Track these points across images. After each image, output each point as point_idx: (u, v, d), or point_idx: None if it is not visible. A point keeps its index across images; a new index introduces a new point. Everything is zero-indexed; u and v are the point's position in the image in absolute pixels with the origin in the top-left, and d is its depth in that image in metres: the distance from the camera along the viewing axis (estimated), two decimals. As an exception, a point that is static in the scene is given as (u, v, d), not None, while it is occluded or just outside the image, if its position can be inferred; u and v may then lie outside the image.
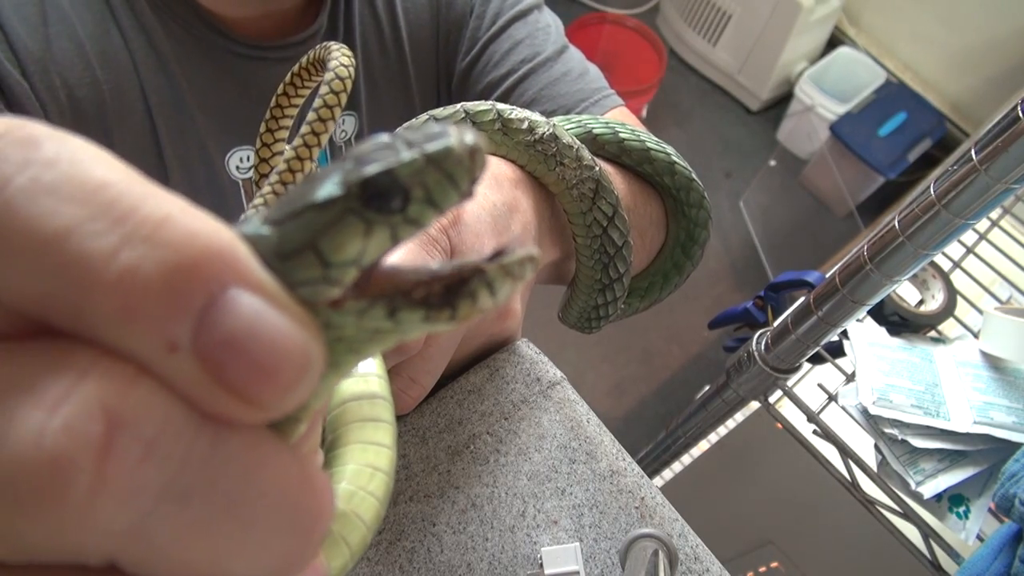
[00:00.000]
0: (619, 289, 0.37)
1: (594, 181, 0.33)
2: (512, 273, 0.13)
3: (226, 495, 0.10)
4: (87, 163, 0.10)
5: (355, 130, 0.59)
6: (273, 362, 0.10)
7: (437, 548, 0.47)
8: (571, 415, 0.52)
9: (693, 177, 0.43)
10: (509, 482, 0.49)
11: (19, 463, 0.09)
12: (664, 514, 0.49)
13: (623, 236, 0.35)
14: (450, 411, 0.52)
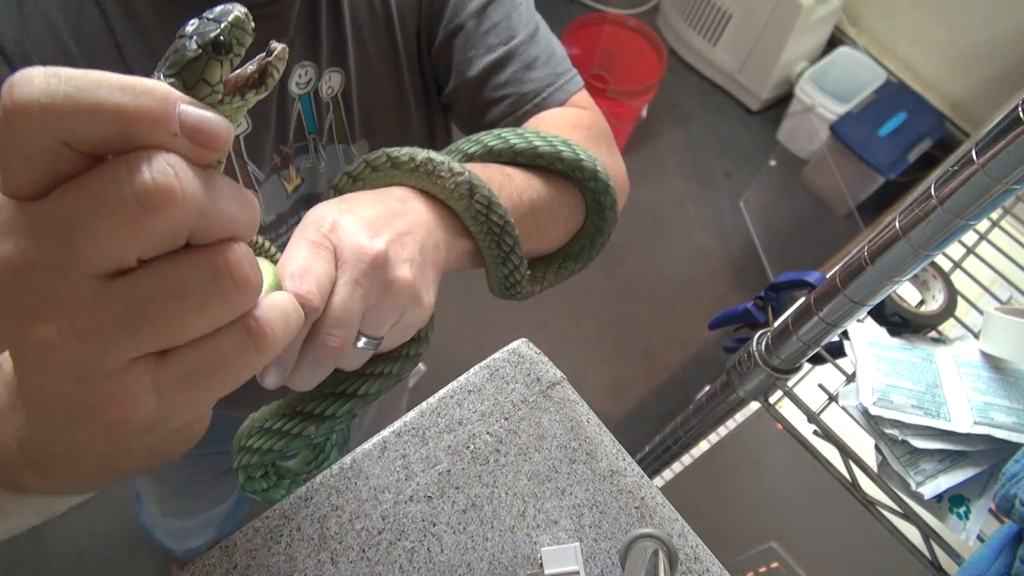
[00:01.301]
0: (515, 259, 0.47)
1: (467, 183, 0.44)
2: (281, 57, 0.27)
3: (218, 192, 0.23)
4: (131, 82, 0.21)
5: (341, 86, 0.58)
6: (213, 127, 0.22)
7: (437, 548, 0.47)
8: (571, 415, 0.52)
9: (582, 158, 0.51)
10: (509, 482, 0.49)
11: (149, 189, 0.20)
12: (664, 514, 0.49)
13: (503, 217, 0.45)
14: (450, 411, 0.52)
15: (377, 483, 0.49)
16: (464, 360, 1.63)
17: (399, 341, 0.41)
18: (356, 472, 0.50)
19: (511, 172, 0.50)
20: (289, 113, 0.56)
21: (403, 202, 0.42)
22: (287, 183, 0.59)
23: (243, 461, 0.42)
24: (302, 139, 0.58)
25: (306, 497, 0.49)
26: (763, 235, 2.11)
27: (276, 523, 0.48)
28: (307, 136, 0.58)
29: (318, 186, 0.61)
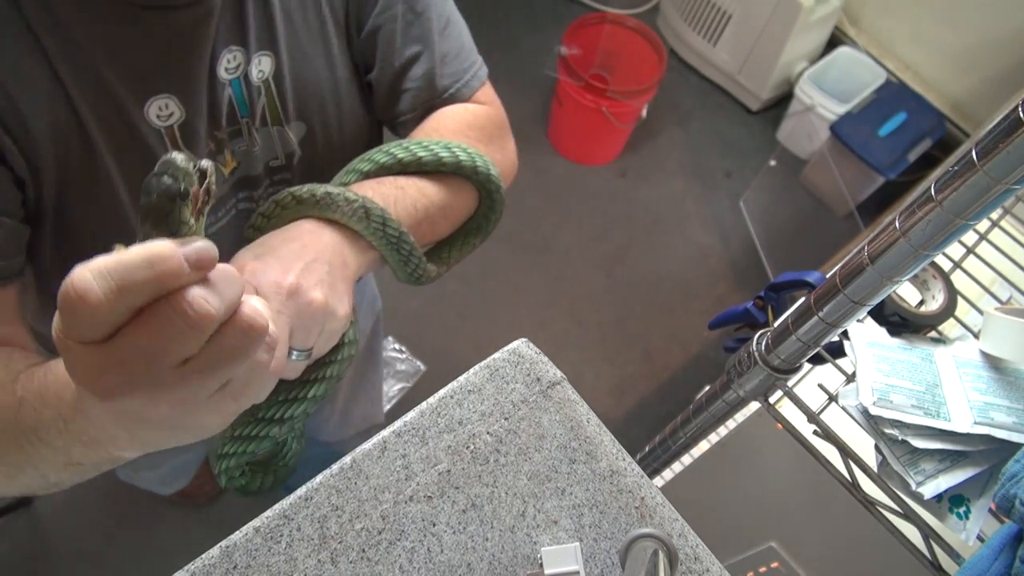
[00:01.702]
0: (415, 259, 0.57)
1: (362, 207, 0.52)
2: (213, 171, 0.33)
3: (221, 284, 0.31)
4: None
5: (272, 69, 0.59)
6: (205, 252, 0.30)
7: (437, 548, 0.47)
8: (571, 415, 0.52)
9: (461, 159, 0.59)
10: (509, 482, 0.49)
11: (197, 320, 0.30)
12: (664, 514, 0.49)
13: (397, 229, 0.54)
14: (450, 411, 0.52)
15: (377, 483, 0.49)
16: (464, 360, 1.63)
17: (328, 347, 0.50)
18: (356, 472, 0.50)
19: (404, 184, 0.58)
20: (220, 99, 0.57)
21: (311, 234, 0.51)
22: (223, 167, 0.60)
23: (223, 466, 0.51)
24: (235, 123, 0.59)
25: (306, 497, 0.49)
26: (763, 235, 2.11)
27: (276, 523, 0.48)
28: (240, 120, 0.59)
29: (254, 168, 0.62)
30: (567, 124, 2.07)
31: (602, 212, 2.08)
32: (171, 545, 1.47)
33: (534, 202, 2.05)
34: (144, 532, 1.47)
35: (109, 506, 1.49)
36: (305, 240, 0.50)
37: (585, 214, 2.06)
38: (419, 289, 1.84)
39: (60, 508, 1.47)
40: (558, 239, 2.00)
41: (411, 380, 1.72)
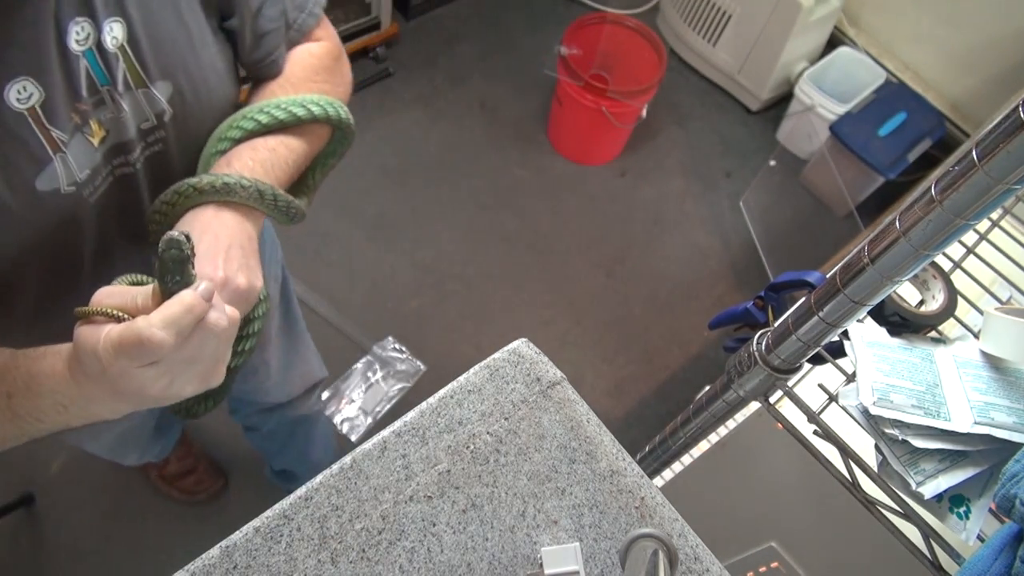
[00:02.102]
0: (294, 210, 0.66)
1: (256, 190, 0.61)
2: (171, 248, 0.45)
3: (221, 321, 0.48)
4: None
5: (125, 34, 0.59)
6: (211, 292, 0.47)
7: (437, 548, 0.47)
8: (571, 415, 0.52)
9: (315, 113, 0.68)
10: (509, 482, 0.49)
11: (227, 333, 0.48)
12: (664, 514, 0.49)
13: (283, 197, 0.64)
14: (450, 411, 0.52)
15: (377, 483, 0.49)
16: (464, 360, 1.63)
17: (248, 310, 0.61)
18: (356, 472, 0.49)
19: (273, 145, 0.66)
20: (76, 72, 0.57)
21: (217, 220, 0.60)
22: (92, 137, 0.60)
23: (181, 404, 0.65)
24: (96, 93, 0.59)
25: (306, 497, 0.49)
26: (763, 235, 2.11)
27: (276, 523, 0.48)
28: (101, 89, 0.60)
29: (125, 133, 0.63)
30: (567, 124, 2.07)
31: (602, 212, 2.08)
32: (171, 545, 1.47)
33: (534, 202, 2.05)
34: (144, 532, 1.47)
35: (109, 506, 1.49)
36: (215, 230, 0.59)
37: (585, 214, 2.06)
38: (419, 289, 1.84)
39: (60, 508, 1.47)
40: (558, 239, 2.00)
41: (411, 380, 1.72)
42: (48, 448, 1.52)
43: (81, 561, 1.43)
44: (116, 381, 0.46)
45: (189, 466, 1.50)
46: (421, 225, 1.95)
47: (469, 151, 2.10)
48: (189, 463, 1.50)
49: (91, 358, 0.46)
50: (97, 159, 0.61)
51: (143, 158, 0.65)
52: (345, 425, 1.64)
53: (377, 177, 2.01)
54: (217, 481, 1.52)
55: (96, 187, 0.62)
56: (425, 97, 2.17)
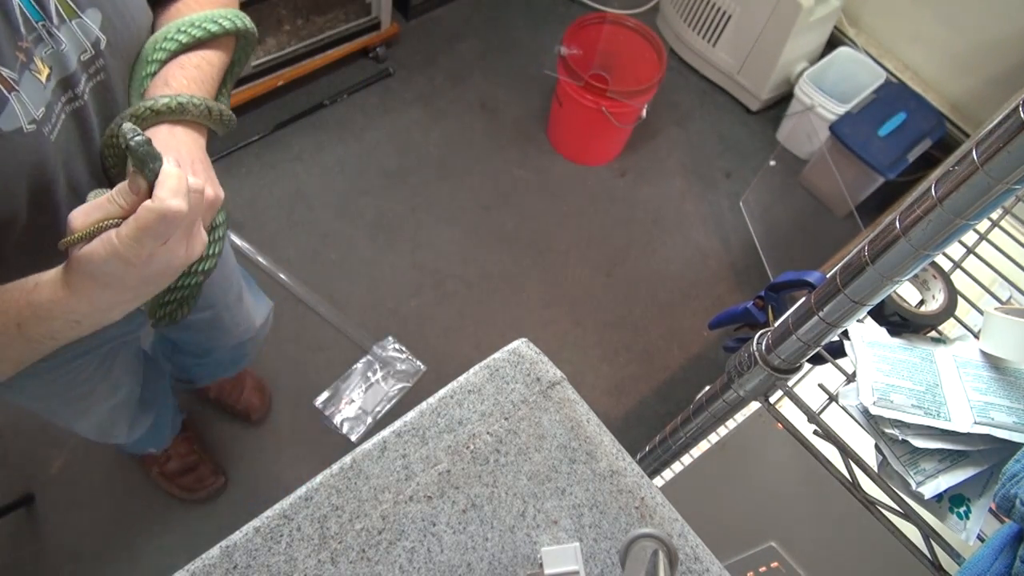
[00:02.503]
0: (226, 116, 0.71)
1: (205, 107, 0.67)
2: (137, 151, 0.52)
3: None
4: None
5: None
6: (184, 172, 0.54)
7: (437, 548, 0.47)
8: (571, 415, 0.52)
9: (226, 27, 0.72)
10: (509, 482, 0.49)
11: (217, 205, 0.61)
12: (664, 514, 0.49)
13: (223, 111, 0.70)
14: (450, 411, 0.52)
15: (377, 483, 0.49)
16: (464, 360, 1.63)
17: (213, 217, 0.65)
18: (356, 472, 0.49)
19: (198, 62, 0.71)
20: (11, 10, 0.58)
21: (174, 138, 0.65)
22: (39, 75, 0.61)
23: (160, 313, 0.73)
24: (33, 30, 0.60)
25: (306, 497, 0.49)
26: (763, 235, 2.11)
27: (276, 523, 0.48)
28: (36, 25, 0.61)
29: (68, 67, 0.64)
30: (567, 124, 2.07)
31: (602, 212, 2.08)
32: (171, 545, 1.47)
33: (534, 202, 2.06)
34: (144, 532, 1.47)
35: (109, 506, 1.49)
36: (176, 147, 0.65)
37: (585, 214, 2.06)
38: (419, 289, 1.84)
39: (60, 508, 1.47)
40: (558, 239, 2.00)
41: (411, 380, 1.72)
42: (48, 448, 1.52)
43: (81, 561, 1.43)
44: (145, 268, 0.53)
45: (190, 464, 1.50)
46: (421, 225, 1.95)
47: (469, 151, 2.10)
48: (191, 460, 1.50)
49: (112, 263, 0.51)
50: (48, 95, 0.62)
51: (88, 90, 0.66)
52: (345, 425, 1.64)
53: (377, 177, 2.01)
54: (217, 479, 1.52)
55: (53, 124, 0.63)
56: (425, 97, 2.17)
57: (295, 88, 2.07)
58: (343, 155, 2.02)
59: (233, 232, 1.83)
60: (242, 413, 1.60)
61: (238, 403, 1.59)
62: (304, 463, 1.59)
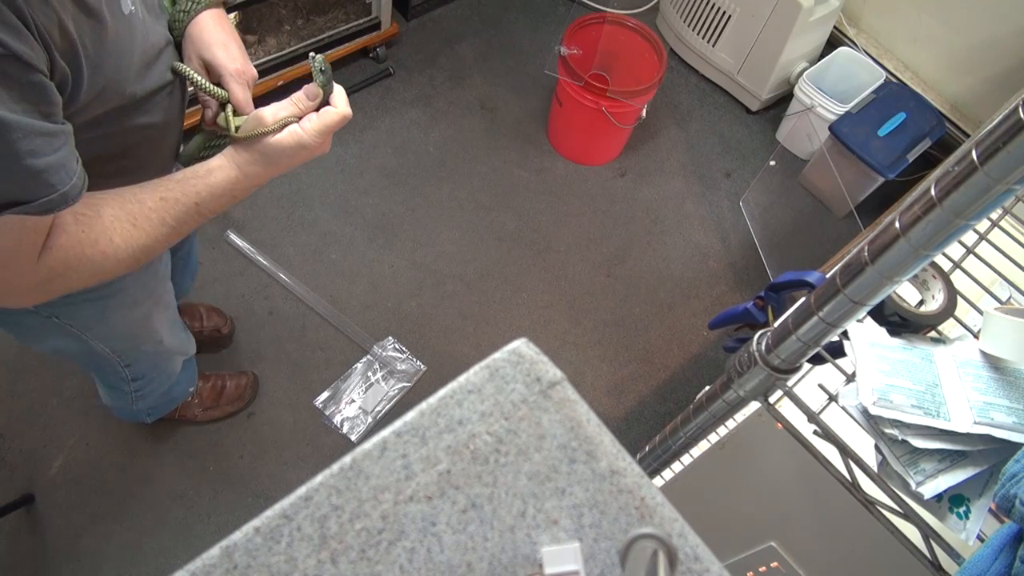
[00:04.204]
0: None
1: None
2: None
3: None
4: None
5: None
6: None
7: (437, 548, 0.47)
8: (571, 415, 0.52)
9: None
10: (509, 482, 0.49)
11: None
12: (664, 514, 0.49)
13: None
14: (450, 411, 0.52)
15: (377, 483, 0.49)
16: (464, 360, 1.64)
17: None
18: (356, 472, 0.49)
19: None
20: None
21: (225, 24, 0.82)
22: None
23: (203, 154, 0.84)
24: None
25: (306, 497, 0.49)
26: (763, 235, 2.11)
27: (276, 523, 0.48)
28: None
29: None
30: (567, 124, 2.07)
31: (602, 212, 2.08)
32: (171, 545, 1.47)
33: (534, 202, 2.06)
34: (144, 532, 1.47)
35: (109, 506, 1.49)
36: (232, 33, 0.82)
37: (585, 214, 2.06)
38: (419, 289, 1.84)
39: (60, 508, 1.47)
40: (558, 239, 2.00)
41: (411, 380, 1.72)
42: (48, 448, 1.52)
43: (81, 561, 1.43)
44: (313, 152, 0.77)
45: (219, 386, 1.58)
46: (421, 225, 1.95)
47: (469, 151, 2.10)
48: (217, 384, 1.58)
49: (293, 149, 0.75)
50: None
51: None
52: (345, 425, 1.64)
53: (377, 177, 2.01)
54: (249, 377, 1.62)
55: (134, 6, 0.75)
56: (425, 97, 2.17)
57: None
58: (343, 155, 2.02)
59: (233, 232, 1.83)
60: (212, 337, 1.65)
61: (204, 330, 1.64)
62: (304, 463, 1.59)
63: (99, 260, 0.67)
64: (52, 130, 0.58)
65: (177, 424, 1.58)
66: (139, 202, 0.69)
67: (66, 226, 0.64)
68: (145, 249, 0.70)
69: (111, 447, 1.54)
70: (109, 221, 0.67)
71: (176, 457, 1.56)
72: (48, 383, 1.58)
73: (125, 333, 1.03)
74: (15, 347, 1.61)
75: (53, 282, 0.65)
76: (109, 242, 0.67)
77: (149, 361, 1.17)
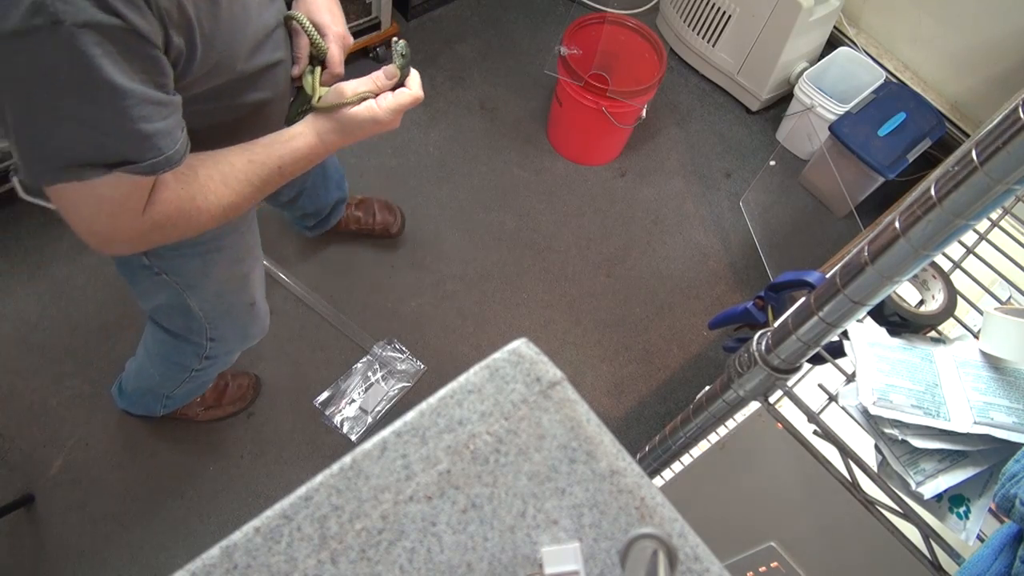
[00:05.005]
0: None
1: None
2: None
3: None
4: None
5: None
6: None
7: (437, 548, 0.47)
8: (571, 415, 0.52)
9: None
10: (509, 482, 0.49)
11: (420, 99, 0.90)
12: (664, 514, 0.49)
13: None
14: (450, 411, 0.52)
15: (377, 483, 0.49)
16: (464, 360, 1.64)
17: None
18: (356, 472, 0.49)
19: None
20: None
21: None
22: None
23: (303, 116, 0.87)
24: None
25: (306, 497, 0.49)
26: (763, 235, 2.11)
27: (276, 523, 0.48)
28: None
29: None
30: (567, 124, 2.07)
31: (602, 212, 2.08)
32: (171, 545, 1.47)
33: (534, 202, 2.06)
34: (144, 532, 1.47)
35: (109, 506, 1.49)
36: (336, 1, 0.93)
37: (585, 214, 2.06)
38: (419, 289, 1.84)
39: (60, 508, 1.47)
40: (558, 239, 2.00)
41: (411, 380, 1.72)
42: (48, 448, 1.52)
43: (81, 561, 1.43)
44: (384, 127, 0.85)
45: (220, 386, 1.58)
46: (421, 225, 1.95)
47: (469, 151, 2.10)
48: (221, 384, 1.58)
49: (367, 122, 0.83)
50: None
51: None
52: (345, 425, 1.64)
53: (377, 177, 2.01)
54: (251, 378, 1.62)
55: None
56: (425, 97, 2.17)
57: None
58: (343, 155, 2.02)
59: (233, 232, 1.83)
60: (382, 231, 1.83)
61: (375, 225, 1.81)
62: (304, 463, 1.59)
63: (194, 215, 0.74)
64: (163, 100, 0.64)
65: (177, 424, 1.58)
66: (230, 164, 0.77)
67: (168, 184, 0.71)
68: (233, 206, 0.78)
69: (111, 447, 1.54)
70: (204, 180, 0.74)
71: (176, 457, 1.56)
72: (48, 383, 1.58)
73: (222, 291, 1.09)
74: (15, 347, 1.61)
75: (154, 232, 0.73)
76: (204, 199, 0.74)
77: (233, 327, 1.21)
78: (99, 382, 1.59)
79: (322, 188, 1.61)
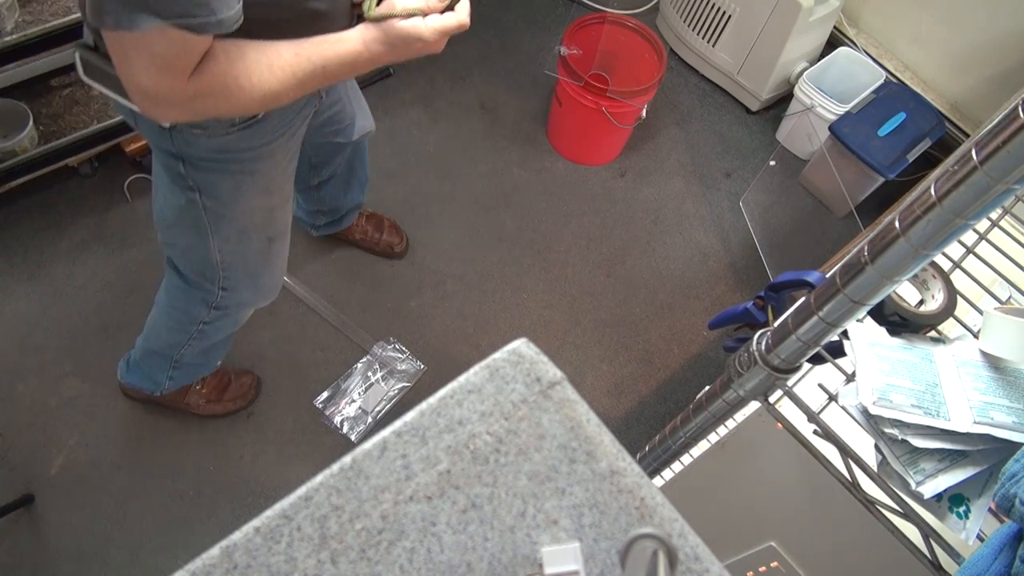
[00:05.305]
0: None
1: None
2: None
3: None
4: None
5: None
6: None
7: (437, 548, 0.47)
8: (571, 415, 0.52)
9: None
10: (509, 482, 0.49)
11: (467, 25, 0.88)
12: (664, 514, 0.49)
13: None
14: (450, 411, 0.52)
15: (377, 483, 0.49)
16: (464, 360, 1.64)
17: None
18: (356, 472, 0.50)
19: None
20: None
21: None
22: None
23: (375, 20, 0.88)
24: None
25: (306, 497, 0.49)
26: (763, 235, 2.11)
27: (276, 523, 0.48)
28: None
29: None
30: (567, 124, 2.07)
31: (602, 212, 2.08)
32: (171, 545, 1.47)
33: (534, 202, 2.06)
34: (144, 532, 1.47)
35: (109, 506, 1.49)
36: None
37: (585, 214, 2.06)
38: (419, 289, 1.84)
39: (60, 508, 1.47)
40: (558, 239, 2.00)
41: (411, 380, 1.72)
42: (48, 448, 1.52)
43: (81, 561, 1.43)
44: (429, 47, 0.85)
45: (224, 382, 1.59)
46: (421, 225, 1.95)
47: (469, 151, 2.10)
48: (224, 379, 1.59)
49: (411, 39, 0.83)
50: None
51: None
52: (345, 425, 1.64)
53: (377, 177, 2.01)
54: (251, 377, 1.63)
55: None
56: (425, 97, 2.17)
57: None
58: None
59: (233, 232, 1.83)
60: (385, 250, 1.85)
61: (379, 243, 1.85)
62: (304, 463, 1.59)
63: (236, 92, 0.78)
64: None
65: (178, 423, 1.58)
66: (277, 53, 0.80)
67: (217, 56, 0.76)
68: (274, 94, 0.81)
69: (111, 447, 1.54)
70: (251, 62, 0.78)
71: (176, 457, 1.56)
72: (48, 383, 1.58)
73: (246, 226, 1.10)
74: (15, 347, 1.61)
75: (196, 101, 0.77)
76: (248, 79, 0.78)
77: (247, 275, 1.21)
78: (99, 382, 1.59)
79: (348, 183, 1.64)
